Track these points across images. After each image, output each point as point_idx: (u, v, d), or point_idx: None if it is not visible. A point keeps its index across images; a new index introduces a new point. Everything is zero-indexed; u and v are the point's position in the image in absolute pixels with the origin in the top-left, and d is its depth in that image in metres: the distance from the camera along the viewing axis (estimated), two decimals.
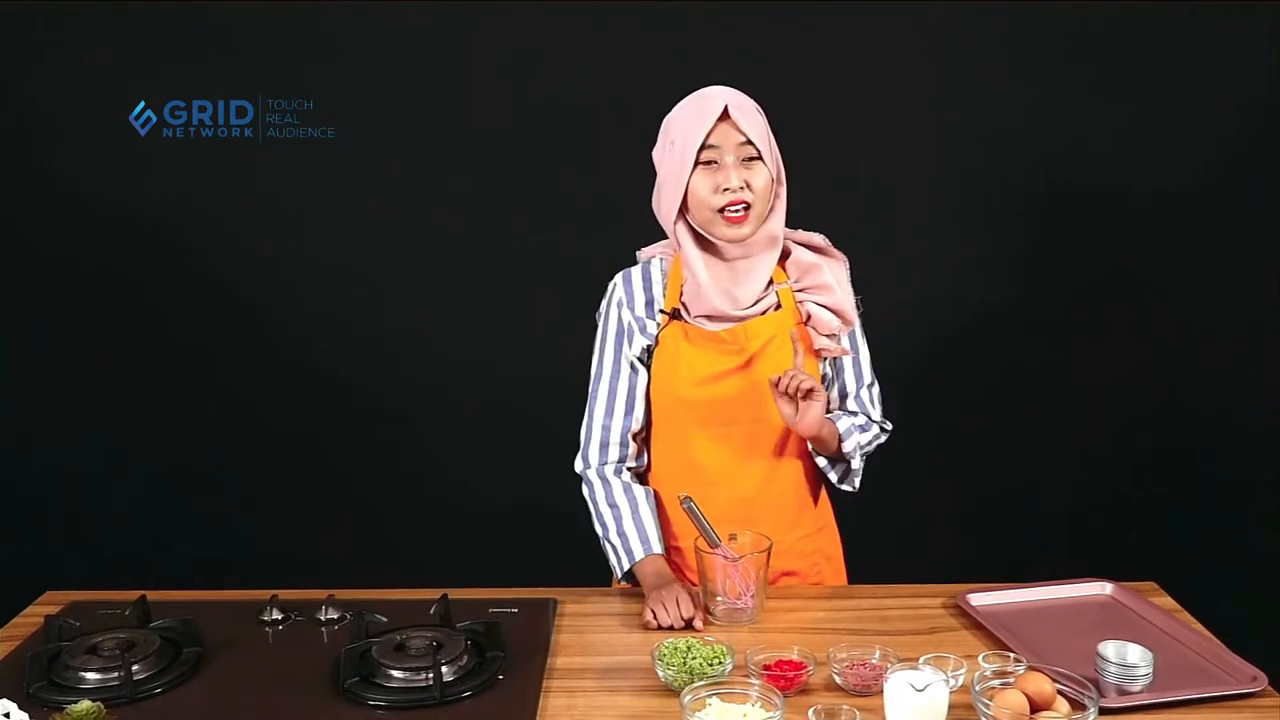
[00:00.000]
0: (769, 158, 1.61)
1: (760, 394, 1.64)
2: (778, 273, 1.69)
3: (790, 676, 1.36)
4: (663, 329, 1.68)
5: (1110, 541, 2.80)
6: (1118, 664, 1.34)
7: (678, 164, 1.61)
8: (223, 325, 2.76)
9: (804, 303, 1.67)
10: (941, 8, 2.59)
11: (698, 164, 1.60)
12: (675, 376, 1.67)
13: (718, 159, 1.59)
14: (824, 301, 1.66)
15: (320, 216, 2.70)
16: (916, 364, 2.76)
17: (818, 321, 1.66)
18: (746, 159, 1.60)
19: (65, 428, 2.79)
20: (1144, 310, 2.75)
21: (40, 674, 1.39)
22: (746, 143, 1.59)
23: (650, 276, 1.72)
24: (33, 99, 2.62)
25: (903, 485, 2.80)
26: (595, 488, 1.73)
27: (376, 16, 2.61)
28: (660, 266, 1.73)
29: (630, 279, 1.73)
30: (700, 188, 1.60)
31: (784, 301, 1.68)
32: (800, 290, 1.68)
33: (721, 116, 1.58)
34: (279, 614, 1.59)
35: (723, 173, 1.59)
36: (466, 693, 1.36)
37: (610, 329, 1.73)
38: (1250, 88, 2.62)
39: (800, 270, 1.69)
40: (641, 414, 1.72)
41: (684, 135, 1.61)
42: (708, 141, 1.58)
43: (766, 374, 1.62)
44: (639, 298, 1.71)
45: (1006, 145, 2.66)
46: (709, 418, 1.66)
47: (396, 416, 2.80)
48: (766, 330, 1.65)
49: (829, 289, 1.66)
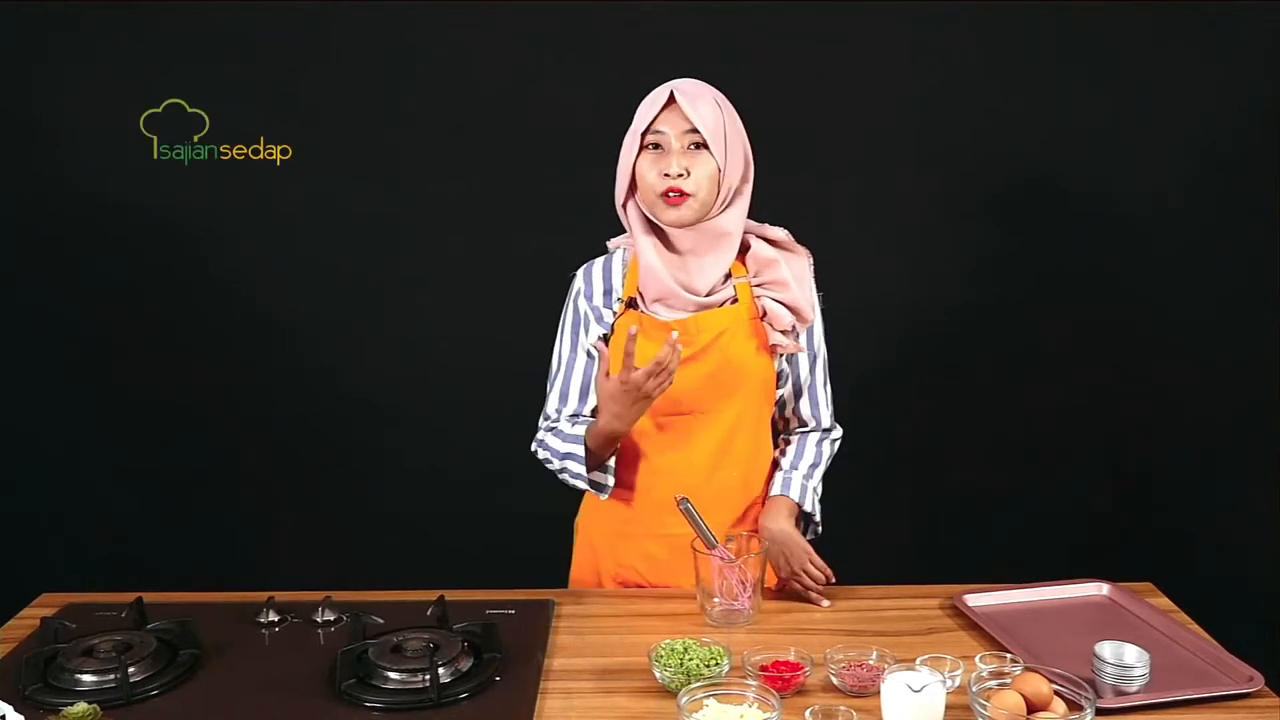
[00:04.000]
0: (718, 148, 1.62)
1: (708, 387, 1.67)
2: (736, 266, 1.71)
3: (787, 677, 1.37)
4: (619, 318, 1.71)
5: (1107, 542, 2.80)
6: (1114, 664, 1.34)
7: (627, 149, 1.67)
8: (220, 327, 2.75)
9: (760, 298, 1.69)
10: (930, 7, 2.59)
11: (643, 148, 1.64)
12: None
13: (663, 143, 1.62)
14: (780, 297, 1.68)
15: (319, 219, 2.70)
16: (915, 363, 2.77)
17: (773, 317, 1.68)
18: (691, 145, 1.62)
19: (62, 428, 2.78)
20: (1143, 309, 2.75)
21: (36, 676, 1.38)
22: (692, 130, 1.61)
23: (611, 267, 1.75)
24: (32, 100, 2.62)
25: (900, 485, 2.82)
26: (545, 441, 1.74)
27: (376, 19, 2.61)
28: (622, 257, 1.76)
29: (591, 271, 1.76)
30: (644, 171, 1.64)
31: (740, 296, 1.69)
32: (758, 285, 1.69)
33: (669, 103, 1.62)
34: (275, 616, 1.59)
35: (666, 158, 1.62)
36: (464, 694, 1.36)
37: (568, 319, 1.77)
38: (1242, 88, 2.62)
39: (759, 265, 1.70)
40: (593, 399, 1.73)
41: (636, 122, 1.66)
42: (654, 126, 1.62)
43: (715, 365, 1.66)
44: (598, 288, 1.74)
45: (994, 144, 2.67)
46: (657, 407, 1.66)
47: (394, 418, 2.79)
48: (719, 323, 1.67)
49: (785, 285, 1.67)
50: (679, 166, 1.60)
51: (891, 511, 2.78)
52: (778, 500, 1.73)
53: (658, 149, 1.63)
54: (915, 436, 2.82)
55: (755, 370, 1.69)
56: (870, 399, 2.66)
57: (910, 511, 2.82)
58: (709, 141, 1.61)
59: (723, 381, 1.68)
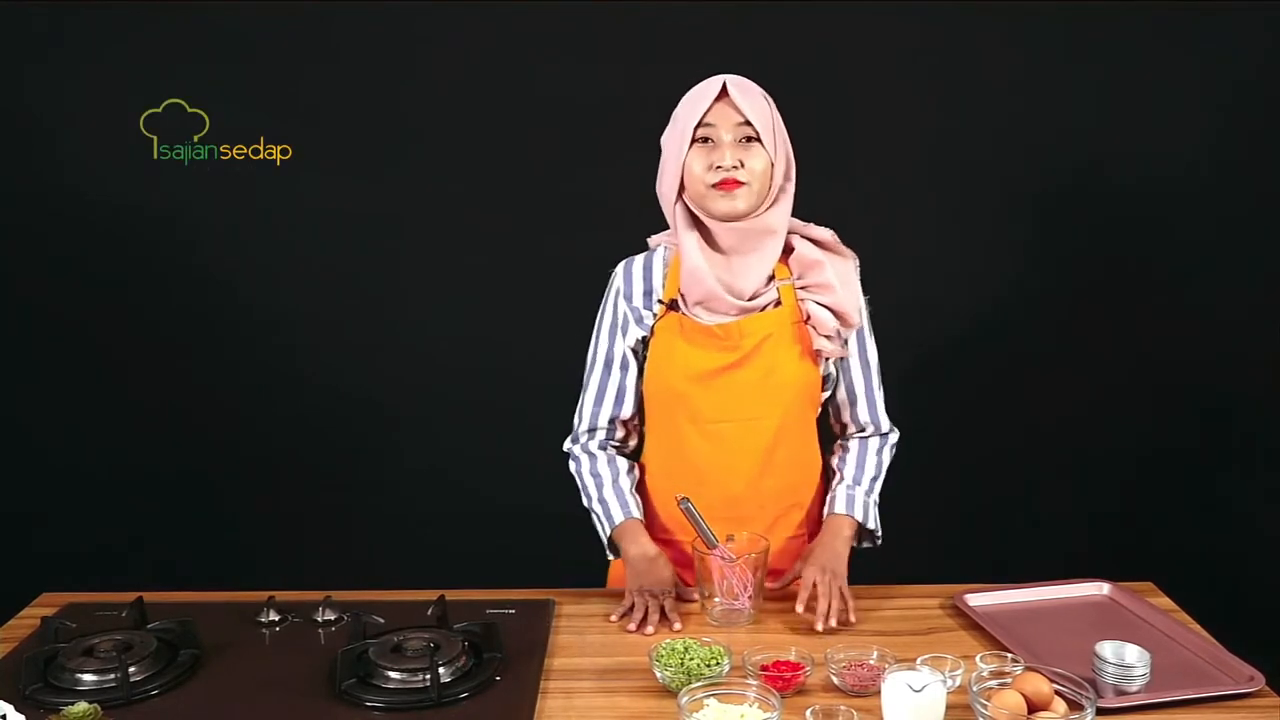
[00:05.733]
0: (770, 142, 1.60)
1: (753, 392, 1.64)
2: (780, 268, 1.67)
3: (788, 677, 1.36)
4: (659, 320, 1.67)
5: (1108, 541, 2.80)
6: (1115, 664, 1.34)
7: (677, 143, 1.62)
8: (220, 327, 2.75)
9: (804, 301, 1.65)
10: (949, 6, 2.59)
11: (694, 142, 1.60)
12: (670, 370, 1.66)
13: (714, 137, 1.60)
14: (824, 301, 1.64)
15: (319, 219, 2.70)
16: (915, 363, 2.76)
17: (816, 321, 1.64)
18: (744, 139, 1.59)
19: (62, 429, 2.78)
20: (1143, 310, 2.75)
21: (37, 675, 1.38)
22: (744, 123, 1.58)
23: (652, 266, 1.71)
24: (31, 100, 2.62)
25: (901, 485, 2.80)
26: (581, 461, 1.75)
27: (376, 19, 2.61)
28: (663, 256, 1.72)
29: (631, 268, 1.72)
30: (695, 165, 1.60)
31: (784, 298, 1.66)
32: (801, 288, 1.65)
33: (720, 95, 1.59)
34: (276, 615, 1.59)
35: (718, 151, 1.59)
36: (464, 694, 1.36)
37: (607, 318, 1.73)
38: (1256, 84, 2.62)
39: (803, 267, 1.66)
40: (631, 403, 1.73)
41: (684, 115, 1.62)
42: (705, 120, 1.59)
43: (760, 372, 1.63)
44: (638, 287, 1.70)
45: (1008, 143, 2.67)
46: (701, 413, 1.66)
47: (394, 418, 2.80)
48: (763, 327, 1.64)
49: (830, 288, 1.63)
50: (732, 159, 1.58)
51: (892, 511, 2.77)
52: (838, 521, 1.71)
53: (707, 143, 1.60)
54: (915, 436, 2.81)
55: (799, 376, 1.66)
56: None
57: (911, 511, 2.81)
58: (761, 134, 1.58)
59: (766, 388, 1.64)
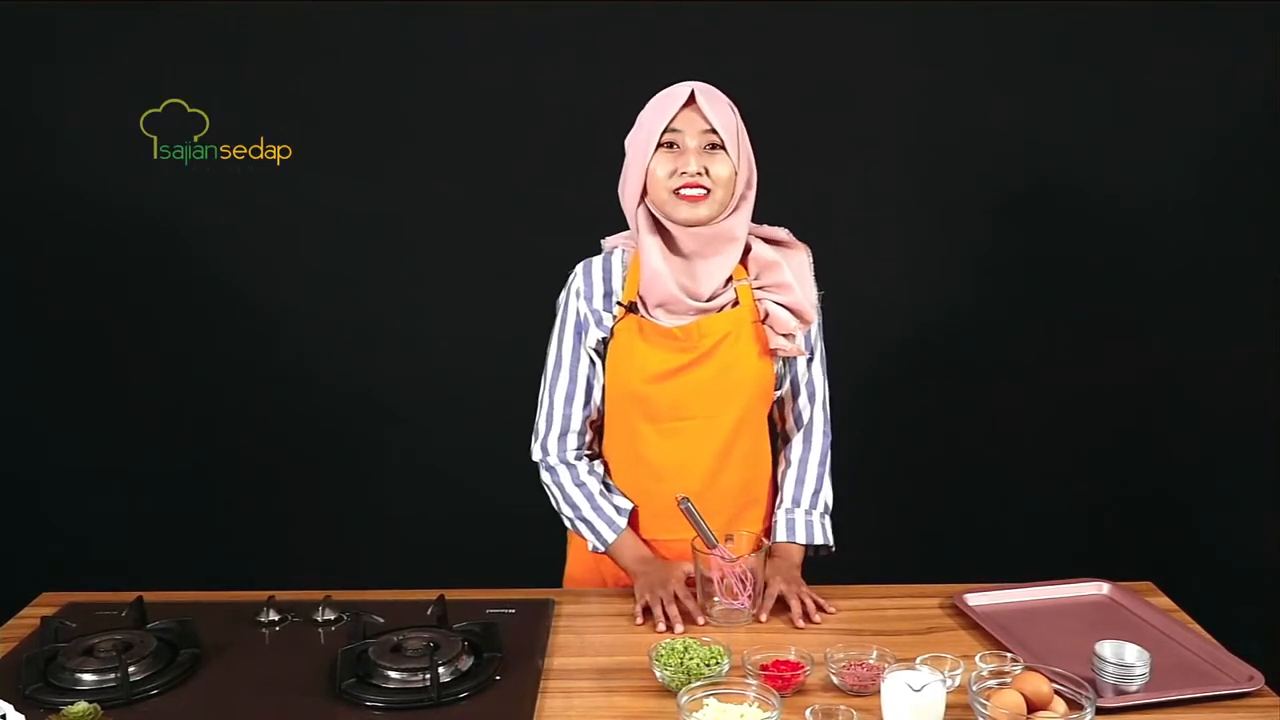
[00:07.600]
0: (734, 150, 1.62)
1: (711, 390, 1.66)
2: (737, 269, 1.69)
3: (787, 677, 1.36)
4: (618, 322, 1.69)
5: (1107, 541, 2.81)
6: (1115, 664, 1.34)
7: (642, 146, 1.64)
8: (220, 326, 2.76)
9: (762, 300, 1.68)
10: (930, 6, 2.59)
11: (660, 146, 1.62)
12: (628, 371, 1.67)
13: (679, 142, 1.61)
14: (782, 300, 1.67)
15: (319, 219, 2.70)
16: (915, 362, 2.77)
17: (775, 320, 1.67)
18: (709, 146, 1.61)
19: (62, 428, 2.78)
20: (1143, 308, 2.75)
21: (37, 675, 1.38)
22: (710, 130, 1.60)
23: (610, 267, 1.73)
24: (31, 100, 2.62)
25: (899, 485, 2.81)
26: (559, 472, 1.75)
27: (375, 19, 2.61)
28: (621, 258, 1.73)
29: (590, 269, 1.74)
30: (659, 169, 1.62)
31: (742, 298, 1.68)
32: (759, 288, 1.68)
33: (688, 102, 1.61)
34: (276, 615, 1.59)
35: (683, 156, 1.60)
36: (464, 694, 1.36)
37: (569, 319, 1.74)
38: (1243, 89, 2.62)
39: (760, 267, 1.68)
40: (598, 402, 1.74)
41: (650, 120, 1.64)
42: (671, 125, 1.61)
43: (717, 370, 1.65)
44: (598, 289, 1.72)
45: (991, 144, 2.67)
46: (659, 413, 1.67)
47: (394, 418, 2.80)
48: (721, 328, 1.66)
49: (788, 288, 1.66)
50: (698, 165, 1.59)
51: (891, 511, 2.78)
52: (784, 549, 1.73)
53: (673, 148, 1.62)
54: (916, 436, 2.82)
55: (756, 374, 1.69)
56: (871, 398, 2.67)
57: (910, 511, 2.82)
58: (725, 142, 1.60)
59: (724, 386, 1.67)
